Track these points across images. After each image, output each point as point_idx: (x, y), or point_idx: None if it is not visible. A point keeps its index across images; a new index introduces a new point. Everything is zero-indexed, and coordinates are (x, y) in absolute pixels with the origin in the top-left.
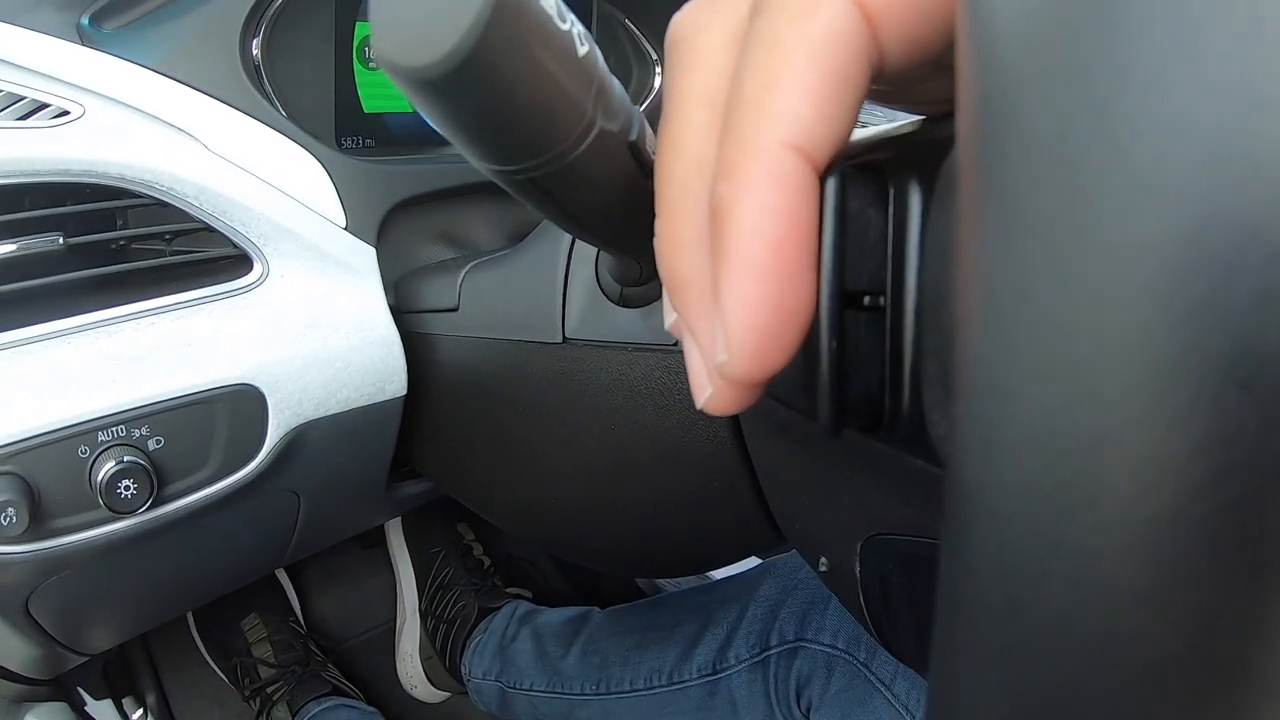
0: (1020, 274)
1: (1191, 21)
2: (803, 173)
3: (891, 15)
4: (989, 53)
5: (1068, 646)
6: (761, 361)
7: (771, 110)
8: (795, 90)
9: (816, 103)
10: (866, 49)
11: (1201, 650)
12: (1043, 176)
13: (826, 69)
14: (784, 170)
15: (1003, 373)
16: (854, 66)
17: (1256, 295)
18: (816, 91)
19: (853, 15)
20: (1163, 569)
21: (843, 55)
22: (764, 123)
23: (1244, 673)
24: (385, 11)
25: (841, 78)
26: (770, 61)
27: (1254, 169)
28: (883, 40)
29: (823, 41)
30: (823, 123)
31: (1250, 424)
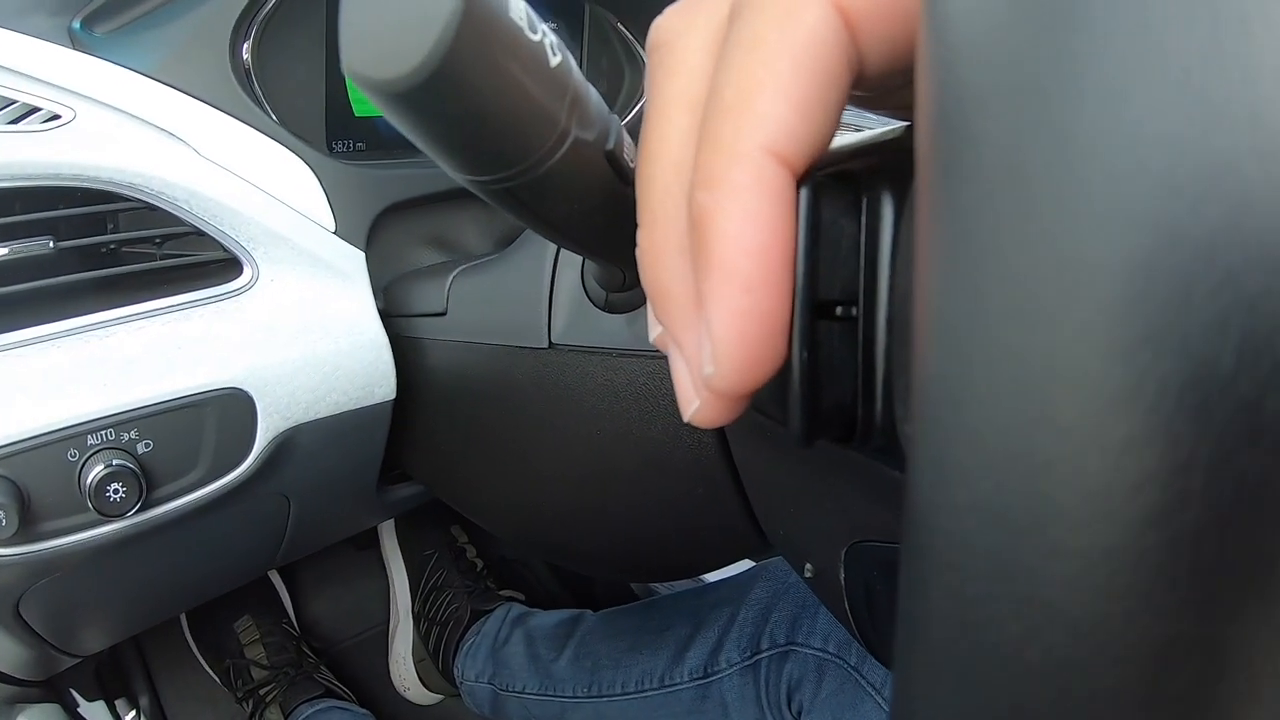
0: (973, 294)
1: (1150, 42)
2: (783, 179)
3: (872, 20)
4: (945, 67)
5: (1016, 671)
6: (750, 372)
7: (752, 115)
8: (776, 95)
9: (797, 108)
10: (847, 53)
11: (1151, 682)
12: (996, 195)
13: (807, 73)
14: (765, 177)
15: (955, 393)
16: (835, 71)
17: (1210, 322)
18: (797, 96)
19: (833, 19)
20: (1112, 599)
21: (823, 60)
22: (744, 128)
23: (1193, 706)
24: (354, 24)
25: (822, 82)
26: (750, 65)
27: (1209, 192)
28: (863, 45)
29: (804, 45)
30: (803, 128)
31: (1202, 454)
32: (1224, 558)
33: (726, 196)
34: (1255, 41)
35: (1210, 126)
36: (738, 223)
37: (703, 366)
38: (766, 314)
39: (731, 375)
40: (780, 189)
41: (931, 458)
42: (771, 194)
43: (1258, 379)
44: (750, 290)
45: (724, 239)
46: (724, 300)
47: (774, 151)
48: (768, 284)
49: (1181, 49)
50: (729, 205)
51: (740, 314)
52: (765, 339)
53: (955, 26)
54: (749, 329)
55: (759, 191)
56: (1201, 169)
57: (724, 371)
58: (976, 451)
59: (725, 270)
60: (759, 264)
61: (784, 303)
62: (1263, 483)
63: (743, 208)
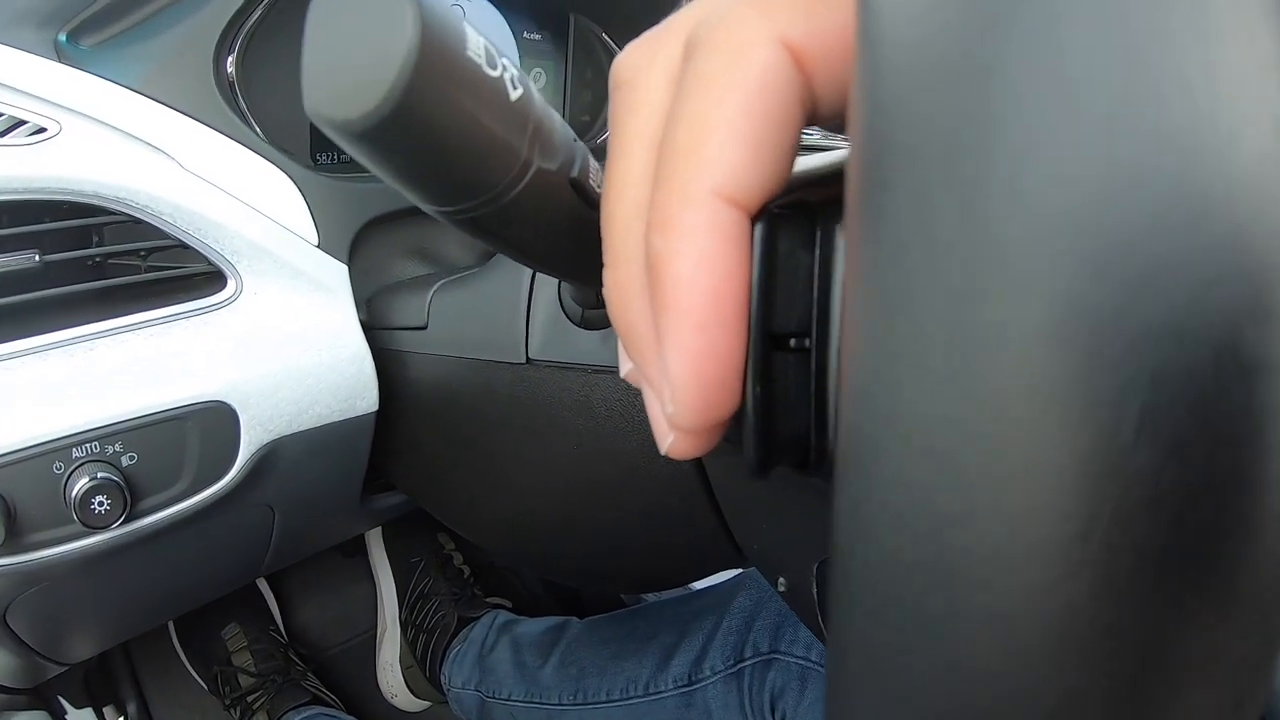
0: (884, 353)
1: (1061, 116)
2: (735, 221)
3: (822, 59)
4: (872, 121)
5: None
6: (708, 411)
7: (703, 159)
8: (727, 138)
9: (748, 150)
10: (799, 93)
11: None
12: (909, 256)
13: (758, 115)
14: (717, 220)
15: (868, 447)
16: (786, 111)
17: (1110, 394)
18: (748, 139)
19: (783, 59)
20: (1011, 656)
21: (775, 101)
22: (696, 172)
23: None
24: (315, 65)
25: (774, 123)
26: (701, 108)
27: (1112, 267)
28: (815, 83)
29: (755, 87)
30: (755, 170)
31: (1099, 524)
32: (1120, 624)
33: (679, 240)
34: (1167, 114)
35: (1116, 200)
36: (690, 266)
37: (665, 405)
38: (721, 354)
39: (689, 414)
40: (732, 231)
41: (848, 508)
42: (723, 236)
43: (1156, 451)
44: (704, 332)
45: (677, 282)
46: (679, 342)
47: (725, 194)
48: (722, 325)
49: (1093, 118)
50: (681, 248)
51: (695, 355)
52: (721, 378)
53: (883, 81)
54: (704, 369)
55: (711, 234)
56: (1106, 244)
57: (683, 411)
58: (887, 506)
59: (679, 312)
60: (712, 306)
61: (739, 342)
62: (1161, 553)
63: (695, 250)
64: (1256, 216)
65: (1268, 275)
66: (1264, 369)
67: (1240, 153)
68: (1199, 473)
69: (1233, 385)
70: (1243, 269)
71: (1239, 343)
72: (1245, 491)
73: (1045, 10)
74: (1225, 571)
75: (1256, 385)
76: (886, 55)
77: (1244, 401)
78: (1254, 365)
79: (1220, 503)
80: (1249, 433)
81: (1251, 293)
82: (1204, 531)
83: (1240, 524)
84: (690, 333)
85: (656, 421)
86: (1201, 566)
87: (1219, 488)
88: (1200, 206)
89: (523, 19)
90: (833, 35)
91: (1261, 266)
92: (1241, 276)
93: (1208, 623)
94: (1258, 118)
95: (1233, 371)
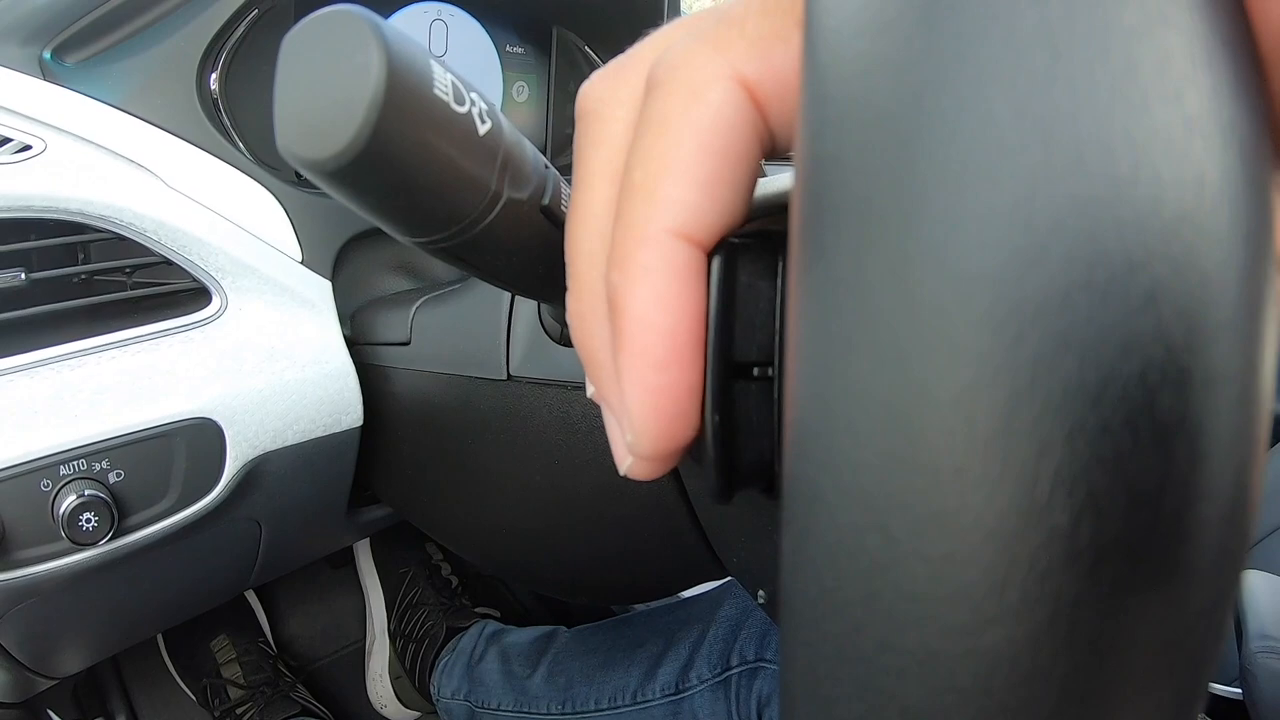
0: (817, 400)
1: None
2: (691, 259)
3: (778, 95)
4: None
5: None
6: (665, 442)
7: (659, 199)
8: (683, 178)
9: (704, 189)
10: (756, 130)
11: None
12: (841, 306)
13: (714, 154)
14: (673, 259)
15: (807, 484)
16: (742, 149)
17: (1026, 454)
18: (704, 179)
19: (739, 98)
20: (936, 693)
21: (730, 139)
22: (653, 211)
23: None
24: (286, 104)
25: (730, 162)
26: (659, 147)
27: (1030, 329)
28: (772, 121)
29: (709, 126)
30: (711, 209)
31: (1016, 574)
32: (1041, 669)
33: (635, 279)
34: (1088, 179)
35: (1035, 265)
36: (646, 305)
37: (624, 433)
38: (677, 389)
39: (647, 444)
40: (688, 269)
41: (791, 544)
42: (679, 275)
43: (1072, 508)
44: (661, 369)
45: (635, 320)
46: (636, 377)
47: (682, 233)
48: (678, 362)
49: (1015, 182)
50: (638, 287)
51: (651, 390)
52: (677, 412)
53: (819, 140)
54: (661, 404)
55: (666, 274)
56: (1025, 308)
57: (641, 440)
58: (822, 545)
59: (635, 349)
60: (667, 344)
61: (695, 377)
62: (1078, 603)
63: (651, 289)
64: (1174, 278)
65: (1183, 338)
66: (1179, 430)
67: (1161, 215)
68: (1115, 528)
69: (1148, 445)
70: (1159, 332)
71: (1154, 404)
72: (1162, 545)
73: (973, 74)
74: (1146, 622)
75: (1172, 445)
76: (823, 112)
77: (1159, 461)
78: (1169, 426)
79: (1138, 557)
80: (1165, 490)
81: (1166, 355)
82: (1123, 584)
83: (1159, 577)
84: (648, 370)
85: (615, 444)
86: (1122, 616)
87: (1136, 542)
88: (1117, 269)
89: (505, 32)
90: (788, 70)
91: (1177, 329)
92: (1157, 340)
93: (1131, 669)
94: (1181, 177)
95: (1148, 432)
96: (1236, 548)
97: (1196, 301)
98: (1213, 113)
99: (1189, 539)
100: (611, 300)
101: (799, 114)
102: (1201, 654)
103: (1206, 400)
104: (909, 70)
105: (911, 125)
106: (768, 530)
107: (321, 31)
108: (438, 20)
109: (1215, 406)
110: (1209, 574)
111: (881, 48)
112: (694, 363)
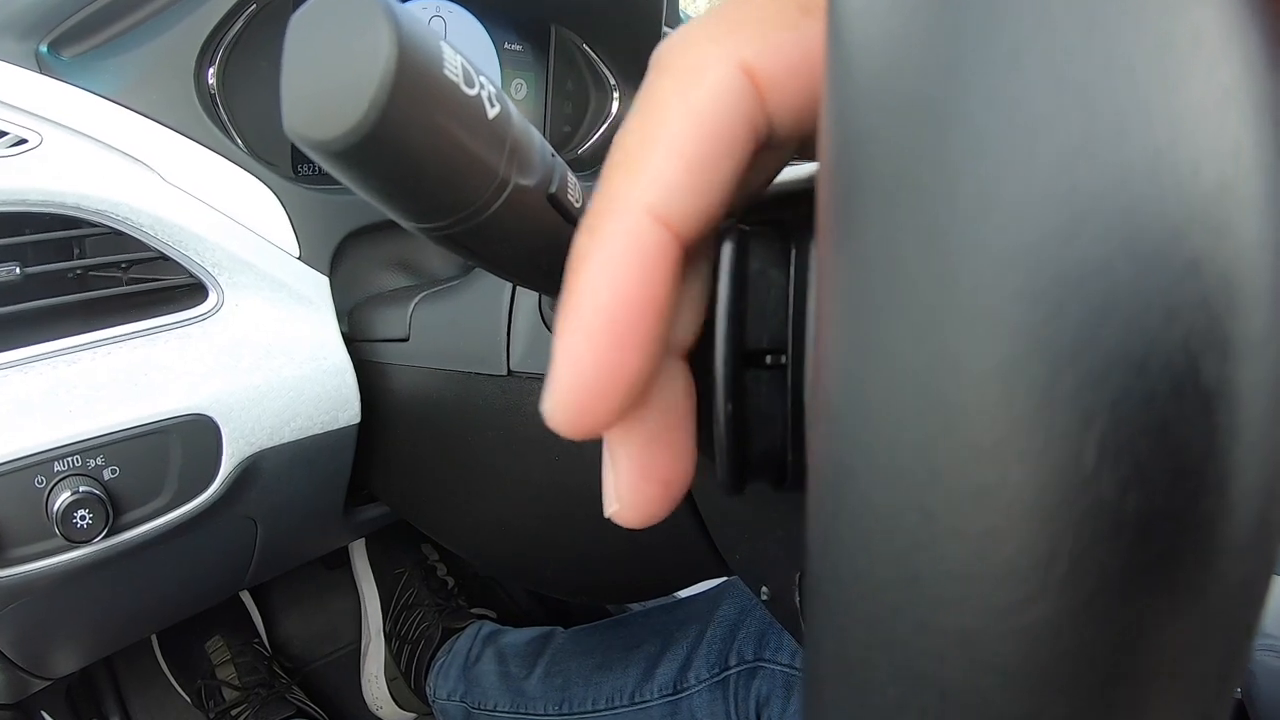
0: (852, 380)
1: (1021, 150)
2: (659, 241)
3: (780, 83)
4: (839, 145)
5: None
6: (576, 415)
7: (639, 172)
8: (666, 156)
9: (688, 169)
10: (752, 117)
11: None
12: (876, 289)
13: (705, 136)
14: (639, 234)
15: (838, 469)
16: (735, 133)
17: (1070, 423)
18: (689, 159)
19: (738, 82)
20: (976, 674)
21: (724, 124)
22: (631, 183)
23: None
24: (294, 85)
25: (720, 146)
26: (650, 123)
27: (1071, 298)
28: (772, 108)
29: (704, 108)
30: (692, 193)
31: (1062, 548)
32: (1084, 645)
33: (597, 244)
34: (1127, 148)
35: (1075, 235)
36: (598, 271)
37: (543, 398)
38: (601, 366)
39: (558, 412)
40: (653, 249)
41: (819, 528)
42: (641, 251)
43: (1118, 479)
44: (590, 339)
45: (582, 282)
46: (566, 342)
47: (656, 212)
48: (611, 338)
49: (1053, 153)
50: (597, 253)
51: (575, 359)
52: (595, 390)
53: (849, 115)
54: (580, 377)
55: (629, 246)
56: (1065, 278)
57: (552, 406)
58: (856, 527)
59: (574, 312)
60: (606, 317)
61: (624, 358)
62: (1124, 576)
63: (607, 257)
64: (1216, 246)
65: (1226, 304)
66: (1222, 396)
67: (1200, 184)
68: (1161, 499)
69: (1192, 413)
70: (1201, 299)
71: (1198, 372)
72: (1208, 516)
73: (1007, 47)
74: (1189, 594)
75: (1216, 412)
76: (853, 89)
77: (1204, 428)
78: (1213, 393)
79: (1183, 527)
80: (1210, 459)
81: (1209, 322)
82: (1167, 555)
83: (1203, 547)
84: (579, 336)
85: (606, 486)
86: (1165, 589)
87: (1181, 513)
88: (1160, 238)
89: (504, 30)
90: (792, 55)
91: (1219, 296)
92: (1200, 306)
93: (1173, 643)
94: (1218, 148)
95: (1192, 400)
96: (1276, 518)
97: (1237, 268)
98: (1246, 84)
99: (1233, 509)
100: (573, 260)
101: (823, 93)
102: (1242, 627)
103: (1249, 367)
104: (941, 44)
105: (946, 98)
106: (771, 526)
107: (330, 10)
108: (436, 16)
109: (1257, 373)
110: (1251, 545)
111: (912, 23)
112: (628, 345)
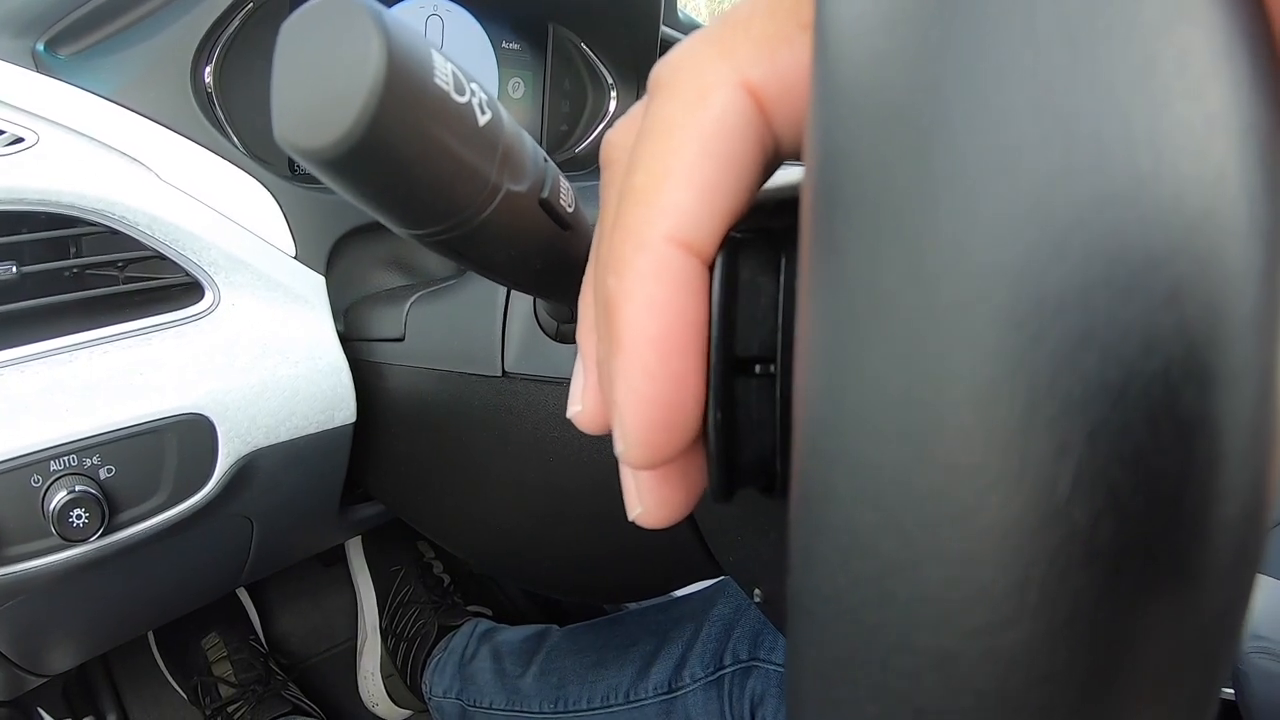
0: (830, 399)
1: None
2: (688, 267)
3: (784, 100)
4: (823, 162)
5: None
6: (654, 450)
7: (658, 204)
8: (683, 184)
9: (704, 196)
10: (759, 136)
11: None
12: (856, 305)
13: (716, 160)
14: (669, 266)
15: (817, 487)
16: (744, 154)
17: (1046, 451)
18: (704, 184)
19: (743, 103)
20: (951, 695)
21: (733, 145)
22: (650, 216)
23: None
24: (284, 93)
25: (732, 168)
26: (661, 152)
27: (1050, 325)
28: (776, 126)
29: (711, 131)
30: (710, 215)
31: (1035, 574)
32: (1059, 670)
33: (631, 284)
34: (1109, 174)
35: (1055, 261)
36: (640, 310)
37: (616, 445)
38: (668, 398)
39: (640, 455)
40: (684, 276)
41: (800, 546)
42: (675, 282)
43: (1092, 508)
44: (652, 377)
45: (628, 326)
46: (627, 384)
47: (679, 240)
48: (668, 371)
49: (1035, 177)
50: (634, 292)
51: (642, 398)
52: (669, 422)
53: (833, 134)
54: (652, 413)
55: (662, 279)
56: (1045, 305)
57: (633, 451)
58: (835, 547)
59: (629, 356)
60: (660, 351)
61: (687, 385)
62: (1096, 603)
63: (646, 295)
64: (1197, 276)
65: (1206, 335)
66: (1201, 428)
67: (1183, 211)
68: (1135, 529)
69: (1170, 444)
70: (1181, 329)
71: (1176, 403)
72: (1182, 546)
73: (991, 69)
74: (1164, 622)
75: (1193, 444)
76: (837, 107)
77: (1181, 460)
78: (1191, 424)
79: (1158, 558)
80: (1186, 490)
81: (1189, 353)
82: (1141, 585)
83: (1179, 577)
84: (640, 377)
85: (628, 490)
86: (1140, 618)
87: (1156, 543)
88: (1140, 266)
89: (501, 28)
90: (794, 73)
91: (1200, 326)
92: (1180, 337)
93: (1148, 669)
94: (1202, 174)
95: (1170, 431)
96: (1254, 548)
97: (1219, 299)
98: (1233, 110)
99: (1209, 539)
100: (606, 305)
101: (809, 109)
102: (1218, 655)
103: (1229, 398)
104: (926, 64)
105: (929, 118)
106: (764, 529)
107: (321, 18)
108: (434, 15)
109: (1237, 405)
110: (1227, 575)
111: (897, 42)
112: (687, 372)
